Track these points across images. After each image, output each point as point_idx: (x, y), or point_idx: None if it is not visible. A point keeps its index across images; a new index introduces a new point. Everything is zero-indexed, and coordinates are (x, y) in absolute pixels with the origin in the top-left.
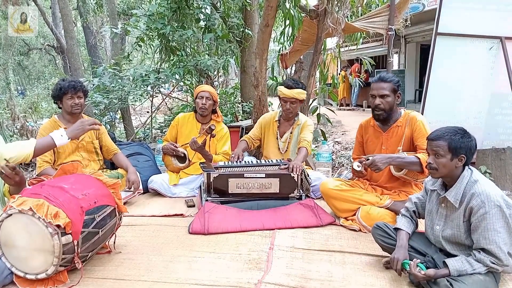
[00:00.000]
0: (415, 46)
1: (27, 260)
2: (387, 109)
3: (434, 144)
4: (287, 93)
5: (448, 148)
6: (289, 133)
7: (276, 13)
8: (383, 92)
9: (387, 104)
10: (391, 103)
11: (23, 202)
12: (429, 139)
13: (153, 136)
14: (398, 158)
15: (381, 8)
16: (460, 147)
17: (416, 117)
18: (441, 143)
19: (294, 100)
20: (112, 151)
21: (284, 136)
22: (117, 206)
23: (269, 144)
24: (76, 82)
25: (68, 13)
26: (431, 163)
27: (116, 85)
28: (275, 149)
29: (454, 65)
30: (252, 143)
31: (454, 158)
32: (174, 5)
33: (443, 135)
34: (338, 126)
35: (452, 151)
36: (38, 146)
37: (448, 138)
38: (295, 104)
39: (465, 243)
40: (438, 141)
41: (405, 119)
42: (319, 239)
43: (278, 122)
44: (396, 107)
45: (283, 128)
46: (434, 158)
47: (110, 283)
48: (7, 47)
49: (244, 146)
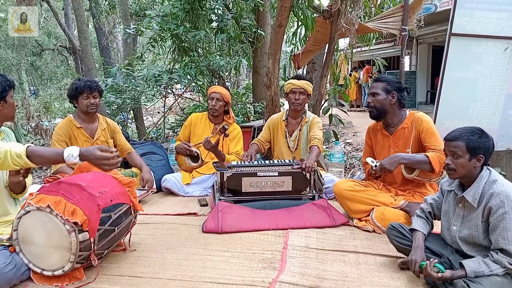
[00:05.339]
0: (427, 47)
1: (44, 257)
2: (378, 107)
3: (452, 145)
4: (297, 83)
5: (467, 149)
6: (298, 131)
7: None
8: (374, 90)
9: (377, 102)
10: (381, 101)
11: (41, 199)
12: (447, 139)
13: (165, 136)
14: (406, 157)
15: (394, 8)
16: (478, 147)
17: (422, 117)
18: (459, 143)
19: (303, 90)
20: (126, 150)
21: (293, 134)
22: (132, 204)
23: (279, 144)
24: (91, 82)
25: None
26: (449, 164)
27: (129, 85)
28: (285, 149)
29: (468, 66)
30: (263, 146)
31: (473, 159)
32: (187, 6)
33: (460, 135)
34: (349, 127)
35: (470, 151)
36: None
37: (466, 138)
38: (304, 96)
39: (482, 244)
40: (456, 141)
41: (411, 121)
42: (333, 239)
43: (286, 121)
44: (394, 108)
45: (291, 127)
46: (452, 158)
47: (126, 280)
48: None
49: (255, 148)
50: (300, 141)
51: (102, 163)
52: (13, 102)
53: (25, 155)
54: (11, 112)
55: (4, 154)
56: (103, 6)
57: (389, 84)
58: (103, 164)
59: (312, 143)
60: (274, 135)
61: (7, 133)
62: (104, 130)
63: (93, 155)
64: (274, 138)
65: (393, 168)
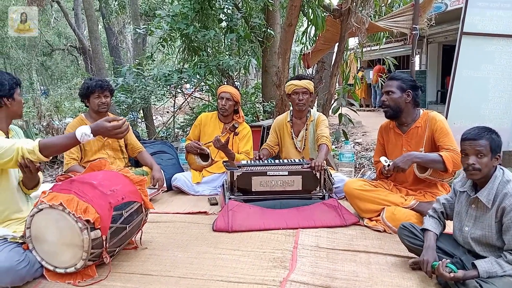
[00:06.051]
0: (437, 46)
1: (57, 254)
2: (392, 106)
3: (478, 144)
4: (299, 83)
5: (490, 147)
6: (304, 131)
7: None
8: (388, 88)
9: (392, 100)
10: (396, 100)
11: (54, 197)
12: (469, 138)
13: (175, 135)
14: (419, 156)
15: (405, 7)
16: (498, 146)
17: (436, 117)
18: (483, 142)
19: (306, 90)
20: (137, 149)
21: (300, 134)
22: (143, 202)
23: (286, 145)
24: (103, 82)
25: (93, 14)
26: (474, 163)
27: (139, 85)
28: (293, 149)
29: (479, 65)
30: (273, 150)
31: (493, 158)
32: (197, 5)
33: (483, 134)
34: (358, 127)
35: (492, 150)
36: (55, 141)
37: (489, 137)
38: (307, 95)
39: (495, 244)
40: (480, 140)
41: (424, 120)
42: (343, 239)
43: (291, 122)
44: (409, 107)
45: (297, 127)
46: (477, 158)
47: (137, 278)
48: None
49: (266, 153)
50: (307, 140)
51: (115, 132)
52: (21, 99)
53: (38, 149)
54: (19, 110)
55: (16, 152)
56: (113, 6)
57: (404, 82)
58: (116, 133)
59: (320, 142)
60: (281, 137)
61: (16, 131)
62: None
63: (104, 128)
64: (281, 140)
65: (406, 167)
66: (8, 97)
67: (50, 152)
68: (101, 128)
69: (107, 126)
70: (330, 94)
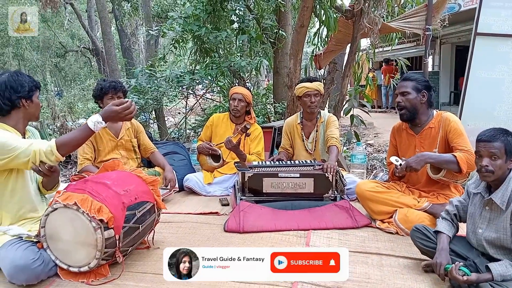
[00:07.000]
0: (450, 47)
1: (70, 253)
2: (409, 107)
3: (492, 146)
4: (310, 86)
5: (505, 150)
6: (315, 132)
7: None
8: (404, 89)
9: (408, 101)
10: (412, 101)
11: (68, 197)
12: (483, 140)
13: (187, 136)
14: (433, 156)
15: (418, 7)
16: None
17: (450, 117)
18: (498, 144)
19: (317, 92)
20: (150, 149)
21: (311, 136)
22: (156, 202)
23: (297, 147)
24: (116, 83)
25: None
26: (487, 165)
27: (152, 86)
28: (303, 151)
29: (494, 66)
30: (289, 152)
31: (508, 160)
32: (209, 7)
33: (498, 136)
34: (370, 128)
35: (507, 152)
36: (71, 137)
37: (504, 139)
38: (318, 97)
39: (510, 247)
40: (495, 142)
41: (438, 120)
42: (355, 241)
43: (301, 124)
44: (424, 108)
45: (307, 129)
46: (490, 160)
47: (150, 277)
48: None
49: (285, 155)
50: (318, 142)
51: (124, 113)
52: (39, 102)
53: (55, 149)
54: (36, 112)
55: (33, 154)
56: (126, 8)
57: (419, 83)
58: (126, 115)
59: (330, 143)
60: (292, 139)
61: (32, 132)
62: (128, 129)
63: (114, 112)
64: (292, 142)
65: (419, 167)
66: (27, 98)
67: (67, 149)
68: (111, 113)
69: (117, 109)
70: (342, 95)
